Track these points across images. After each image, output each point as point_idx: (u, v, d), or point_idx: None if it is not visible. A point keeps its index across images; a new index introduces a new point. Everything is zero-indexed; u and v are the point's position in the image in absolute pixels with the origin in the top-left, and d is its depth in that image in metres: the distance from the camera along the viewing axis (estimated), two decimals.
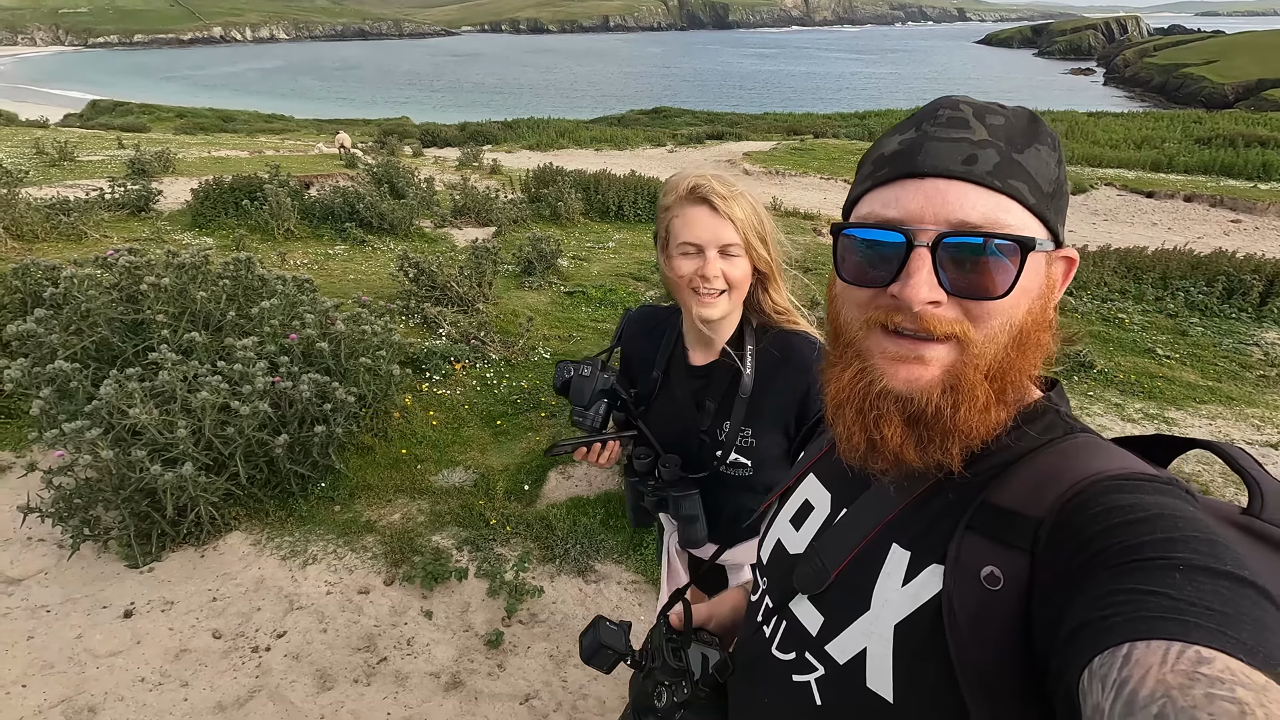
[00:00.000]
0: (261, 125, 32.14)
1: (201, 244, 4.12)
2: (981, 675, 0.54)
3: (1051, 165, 0.61)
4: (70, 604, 2.62)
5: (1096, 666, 0.44)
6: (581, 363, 1.38)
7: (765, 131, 29.15)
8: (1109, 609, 0.46)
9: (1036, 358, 0.62)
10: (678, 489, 1.38)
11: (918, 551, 0.63)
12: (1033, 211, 0.60)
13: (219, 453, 2.93)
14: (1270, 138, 21.59)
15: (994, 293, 0.58)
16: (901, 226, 0.59)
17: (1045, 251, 0.61)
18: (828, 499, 0.76)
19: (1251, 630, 0.43)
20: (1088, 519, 0.53)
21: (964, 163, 0.58)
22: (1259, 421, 4.57)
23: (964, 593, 0.56)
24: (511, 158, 20.77)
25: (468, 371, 4.76)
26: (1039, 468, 0.59)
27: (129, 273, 3.42)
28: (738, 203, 1.23)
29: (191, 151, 16.50)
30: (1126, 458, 0.59)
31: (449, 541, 3.08)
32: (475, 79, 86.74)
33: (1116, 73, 72.98)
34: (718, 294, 1.25)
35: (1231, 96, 52.76)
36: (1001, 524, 0.57)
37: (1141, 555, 0.48)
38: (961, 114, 0.61)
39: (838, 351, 0.67)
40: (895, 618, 0.62)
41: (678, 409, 1.40)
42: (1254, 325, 6.55)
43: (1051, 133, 0.63)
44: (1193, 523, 0.49)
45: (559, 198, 9.96)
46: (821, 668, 0.68)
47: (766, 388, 1.32)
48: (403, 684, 2.39)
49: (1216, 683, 0.40)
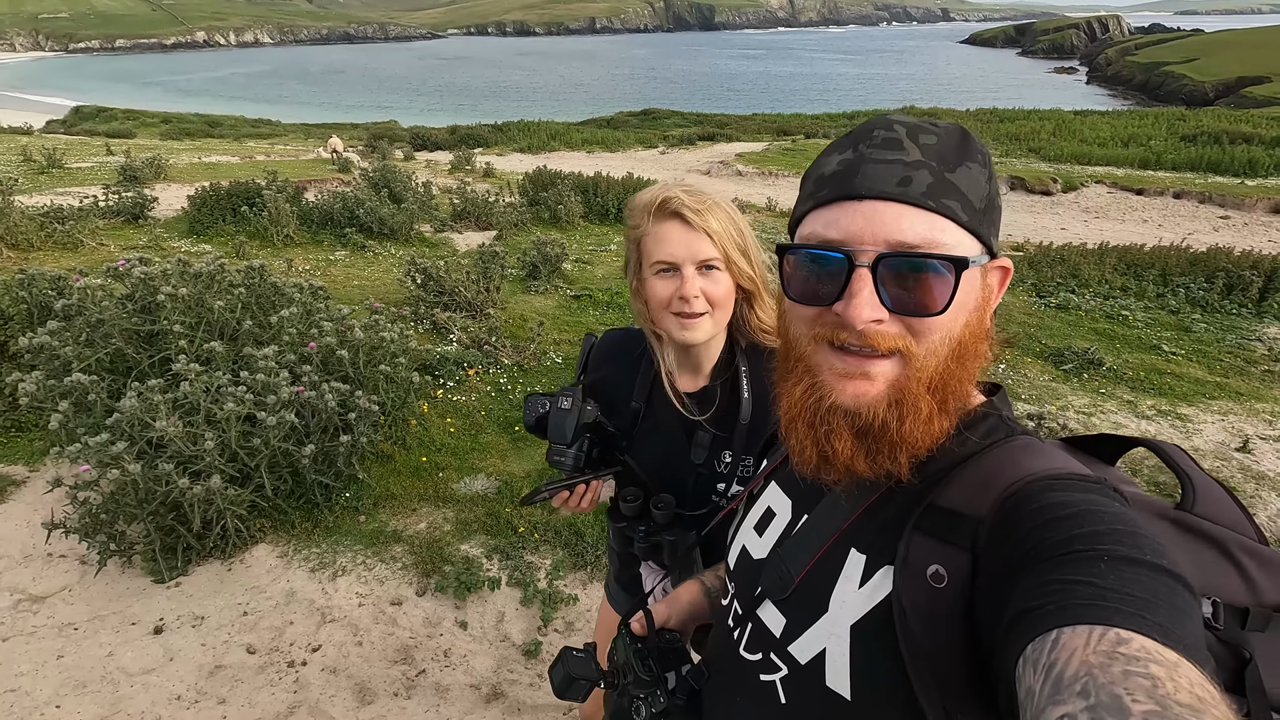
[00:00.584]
0: (248, 130, 31.89)
1: (202, 250, 4.08)
2: (932, 670, 0.57)
3: (982, 182, 0.64)
4: (98, 621, 2.57)
5: (1029, 653, 0.48)
6: (558, 394, 1.21)
7: (755, 132, 29.23)
8: (1042, 599, 0.50)
9: (975, 366, 0.65)
10: (673, 531, 1.24)
11: (872, 555, 0.66)
12: (966, 228, 0.62)
13: (244, 464, 2.89)
14: (1254, 134, 21.88)
15: (933, 309, 0.61)
16: (843, 248, 0.62)
17: (980, 265, 0.63)
18: (789, 506, 0.79)
19: (1167, 613, 0.46)
20: (1024, 515, 0.56)
21: (899, 184, 0.61)
22: (1270, 416, 4.62)
23: (912, 591, 0.59)
24: (504, 160, 20.69)
25: (481, 377, 4.73)
26: (980, 470, 0.63)
27: (144, 283, 3.36)
28: (712, 214, 1.13)
29: (181, 157, 16.30)
30: (1061, 458, 0.63)
31: (478, 550, 3.05)
32: (462, 82, 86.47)
33: (1099, 71, 73.79)
34: (699, 315, 1.14)
35: (1212, 94, 53.45)
36: (945, 524, 0.61)
37: (1070, 549, 0.51)
38: (895, 135, 0.63)
39: (788, 366, 0.70)
40: (851, 619, 0.65)
41: (666, 441, 1.27)
42: (1255, 321, 6.63)
43: (982, 149, 0.65)
44: (1118, 517, 0.53)
45: (559, 200, 9.93)
46: (785, 668, 0.71)
47: (766, 412, 1.23)
48: (444, 696, 2.36)
49: (1133, 660, 0.43)
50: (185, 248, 7.67)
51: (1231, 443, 4.21)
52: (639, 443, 1.28)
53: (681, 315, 1.14)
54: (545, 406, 1.22)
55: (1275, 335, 6.19)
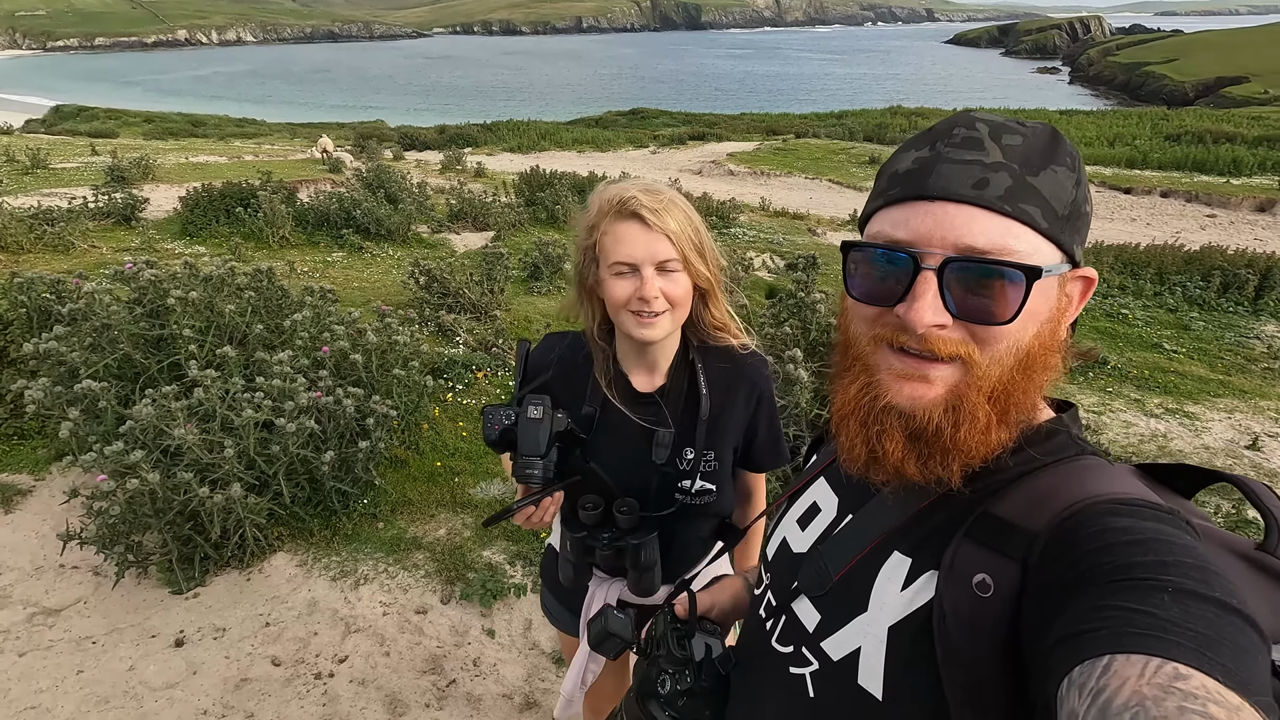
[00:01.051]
0: (233, 130, 31.50)
1: (197, 252, 4.00)
2: (966, 679, 0.56)
3: (1068, 187, 0.60)
4: (116, 634, 2.51)
5: (1076, 675, 0.46)
6: (520, 404, 1.15)
7: (745, 132, 29.28)
8: (1095, 623, 0.48)
9: (1043, 379, 0.63)
10: (638, 535, 1.23)
11: (918, 559, 0.64)
12: (1045, 235, 0.59)
13: (261, 471, 2.83)
14: (1237, 134, 22.22)
15: (999, 318, 0.59)
16: (909, 249, 0.60)
17: (1057, 275, 0.61)
18: (835, 503, 0.78)
19: (1231, 654, 0.44)
20: (1083, 537, 0.54)
21: (974, 187, 0.58)
22: (1275, 414, 4.67)
23: (955, 598, 0.58)
24: (494, 160, 20.59)
25: (490, 380, 4.68)
26: (1041, 485, 0.61)
27: (154, 286, 3.29)
28: (670, 214, 1.13)
29: (168, 157, 16.06)
30: (1131, 483, 0.60)
31: (500, 557, 3.01)
32: (449, 81, 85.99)
33: (1081, 71, 74.67)
34: (659, 315, 1.14)
35: (1192, 94, 54.25)
36: (998, 533, 0.59)
37: (1132, 575, 0.49)
38: (977, 134, 0.61)
39: (845, 364, 0.69)
40: (890, 620, 0.64)
41: (625, 443, 1.25)
42: (1251, 319, 6.71)
43: (1072, 151, 0.62)
44: (1187, 550, 0.50)
45: (556, 201, 9.88)
46: (816, 663, 0.71)
47: (724, 407, 1.26)
48: (476, 707, 2.33)
49: (1190, 697, 0.41)
50: (179, 250, 7.55)
51: (1241, 440, 4.25)
52: (597, 447, 1.26)
53: (640, 314, 1.14)
54: (510, 418, 1.15)
55: (1273, 333, 6.27)
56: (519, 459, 1.13)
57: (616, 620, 0.97)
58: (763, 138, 26.53)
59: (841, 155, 21.71)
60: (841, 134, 27.13)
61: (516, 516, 1.17)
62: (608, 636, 0.97)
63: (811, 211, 14.29)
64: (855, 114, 34.68)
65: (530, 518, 1.18)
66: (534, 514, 1.18)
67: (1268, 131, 23.26)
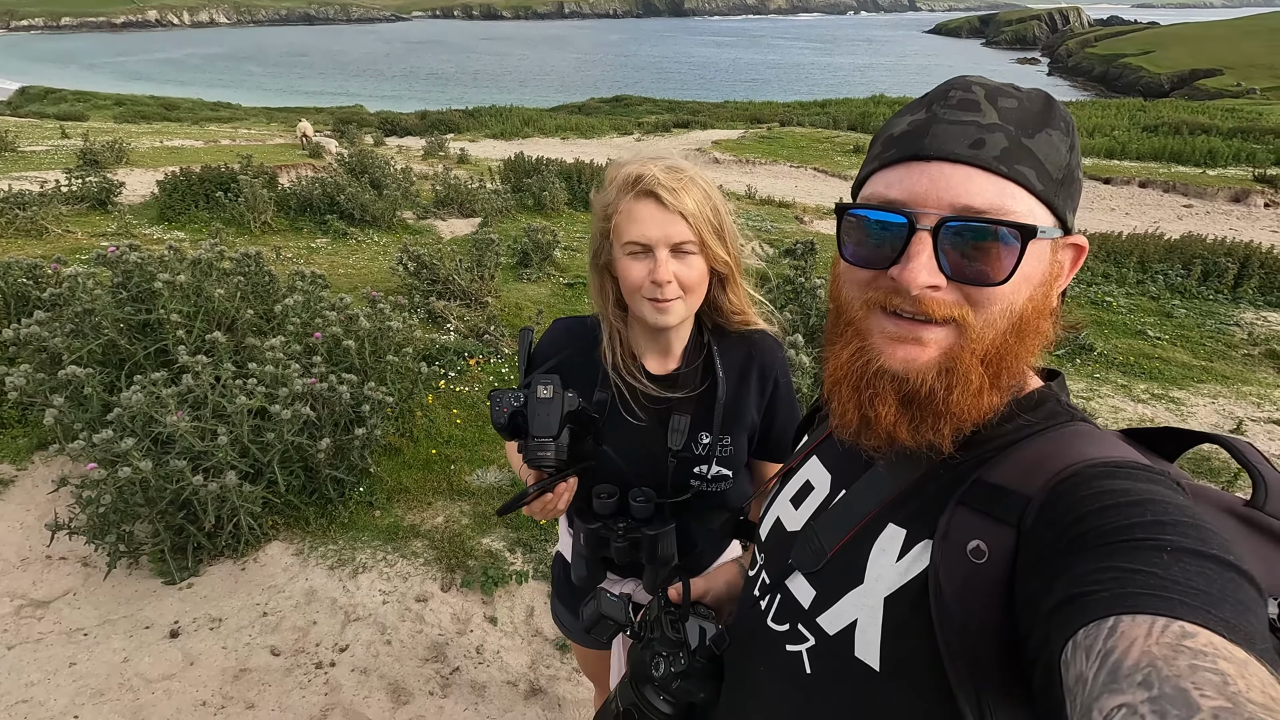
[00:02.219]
0: (208, 114, 30.76)
1: (176, 238, 3.89)
2: (963, 646, 0.56)
3: (1063, 151, 0.60)
4: (108, 626, 2.45)
5: (1081, 638, 0.46)
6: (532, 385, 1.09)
7: (729, 120, 29.17)
8: (1096, 585, 0.47)
9: (1035, 344, 0.63)
10: (653, 526, 1.18)
11: (912, 529, 0.64)
12: (1040, 198, 0.59)
13: (255, 459, 2.77)
14: (1212, 125, 22.56)
15: (994, 279, 0.58)
16: (904, 209, 0.60)
17: (1050, 239, 0.61)
18: (828, 480, 0.78)
19: (1233, 610, 0.44)
20: (1078, 500, 0.54)
21: (971, 146, 0.58)
22: (1257, 399, 4.77)
23: (950, 565, 0.58)
24: (478, 147, 20.32)
25: (483, 367, 4.63)
26: (1034, 451, 0.61)
27: (140, 270, 3.20)
28: (688, 193, 1.08)
29: (141, 141, 15.65)
30: (1122, 447, 0.60)
31: (500, 544, 2.99)
32: (430, 67, 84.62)
33: (1060, 62, 75.32)
34: (673, 300, 1.10)
35: (1167, 86, 54.98)
36: (991, 499, 0.59)
37: (1131, 536, 0.49)
38: (973, 96, 0.60)
39: (838, 330, 0.68)
40: (886, 591, 0.63)
41: (639, 429, 1.21)
42: (1231, 306, 6.84)
43: (1066, 117, 0.62)
44: (1182, 509, 0.51)
45: (543, 187, 9.78)
46: (812, 639, 0.71)
47: (739, 391, 1.24)
48: (481, 694, 2.31)
49: (1200, 655, 0.41)
50: (157, 235, 7.37)
51: (1225, 425, 4.34)
52: (611, 433, 1.22)
53: (655, 300, 1.10)
54: (519, 400, 1.08)
55: (1252, 320, 6.40)
56: (531, 442, 1.07)
57: (610, 603, 0.96)
58: (747, 125, 26.44)
59: (826, 144, 21.71)
60: (826, 123, 27.11)
61: (530, 504, 1.12)
62: (600, 619, 0.96)
63: (797, 200, 14.29)
64: (839, 103, 34.67)
65: (545, 505, 1.12)
66: (549, 500, 1.12)
67: (1241, 123, 23.64)
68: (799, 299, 3.45)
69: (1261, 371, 5.37)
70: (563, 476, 1.11)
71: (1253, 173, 17.06)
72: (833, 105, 33.56)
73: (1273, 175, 16.42)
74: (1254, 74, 53.12)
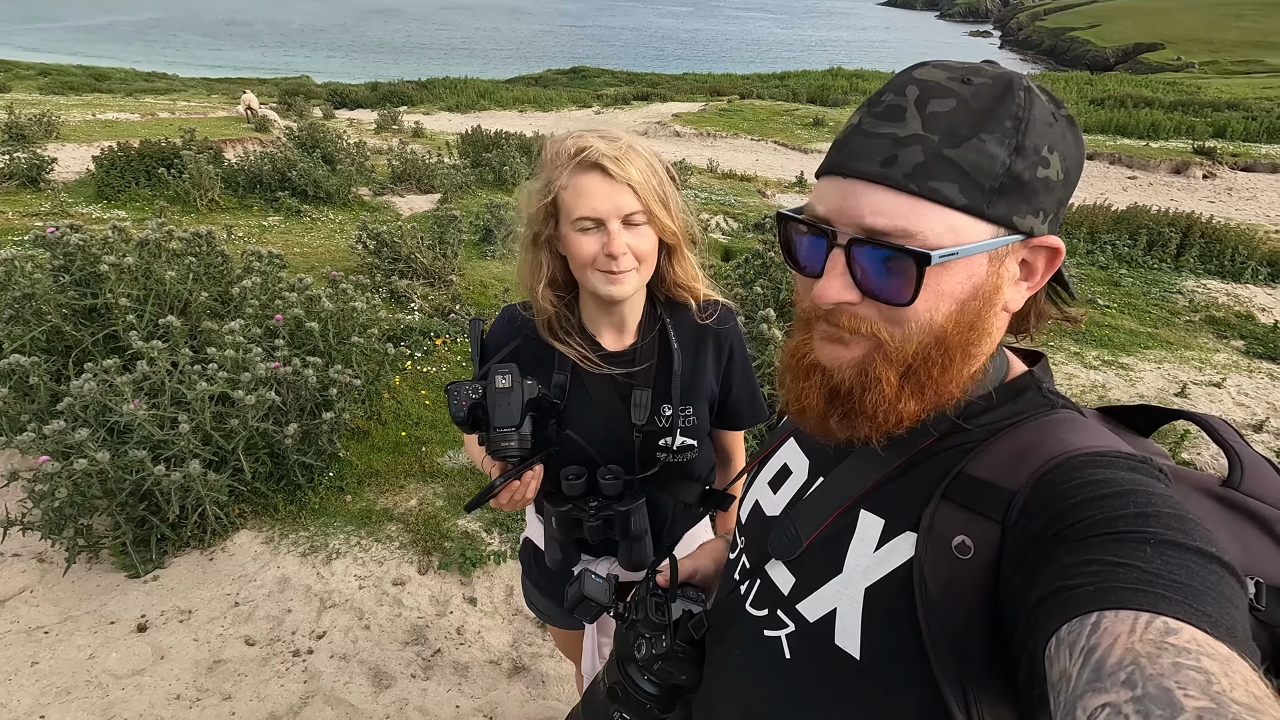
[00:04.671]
0: (142, 85, 29.07)
1: (117, 217, 3.70)
2: (948, 640, 0.56)
3: (999, 156, 0.56)
4: (70, 623, 2.37)
5: (1064, 634, 0.46)
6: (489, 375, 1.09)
7: (689, 92, 28.91)
8: (1079, 579, 0.47)
9: (965, 361, 0.62)
10: (624, 502, 1.19)
11: (891, 519, 0.64)
12: (966, 211, 0.56)
13: (219, 447, 2.69)
14: (1155, 99, 23.30)
15: (900, 299, 0.58)
16: (825, 225, 0.61)
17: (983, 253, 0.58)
18: (805, 465, 0.78)
19: (1215, 603, 0.44)
20: (1061, 492, 0.54)
21: (882, 164, 0.57)
22: (1199, 364, 5.00)
23: (935, 560, 0.58)
24: (432, 120, 19.77)
25: (450, 347, 4.56)
26: (1017, 441, 0.61)
27: (83, 252, 3.04)
28: (632, 163, 1.07)
29: (72, 114, 14.76)
30: (1104, 435, 0.61)
31: (476, 525, 2.97)
32: (379, 36, 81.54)
33: (1011, 36, 76.52)
34: (628, 270, 1.10)
35: (1113, 59, 56.41)
36: (975, 494, 0.59)
37: (1114, 529, 0.49)
38: (903, 100, 0.58)
39: (795, 321, 0.71)
40: (866, 581, 0.64)
41: (601, 407, 1.22)
42: (1174, 275, 7.13)
43: (1019, 113, 0.57)
44: (1164, 499, 0.51)
45: (503, 162, 9.58)
46: (792, 624, 0.71)
47: (696, 361, 1.25)
48: (464, 674, 2.31)
49: (1184, 652, 0.41)
50: (96, 214, 7.00)
51: (1170, 389, 4.54)
52: (573, 415, 1.22)
53: (609, 272, 1.10)
54: (477, 392, 1.08)
55: (1193, 288, 6.69)
56: (493, 433, 1.07)
57: (593, 584, 0.97)
58: (707, 98, 26.26)
59: (786, 117, 21.75)
60: (785, 95, 27.11)
61: (498, 496, 1.11)
62: (583, 600, 0.96)
63: (759, 173, 14.31)
64: (797, 75, 34.68)
65: (513, 496, 1.12)
66: (516, 490, 1.11)
67: (1181, 97, 24.47)
68: (768, 273, 3.47)
69: (1202, 337, 5.64)
70: (528, 465, 1.11)
71: (1192, 145, 17.71)
72: (791, 78, 33.54)
73: (1210, 148, 17.08)
74: (1192, 48, 54.83)
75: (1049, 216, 0.60)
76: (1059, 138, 0.58)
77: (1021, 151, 0.56)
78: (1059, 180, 0.59)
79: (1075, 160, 0.61)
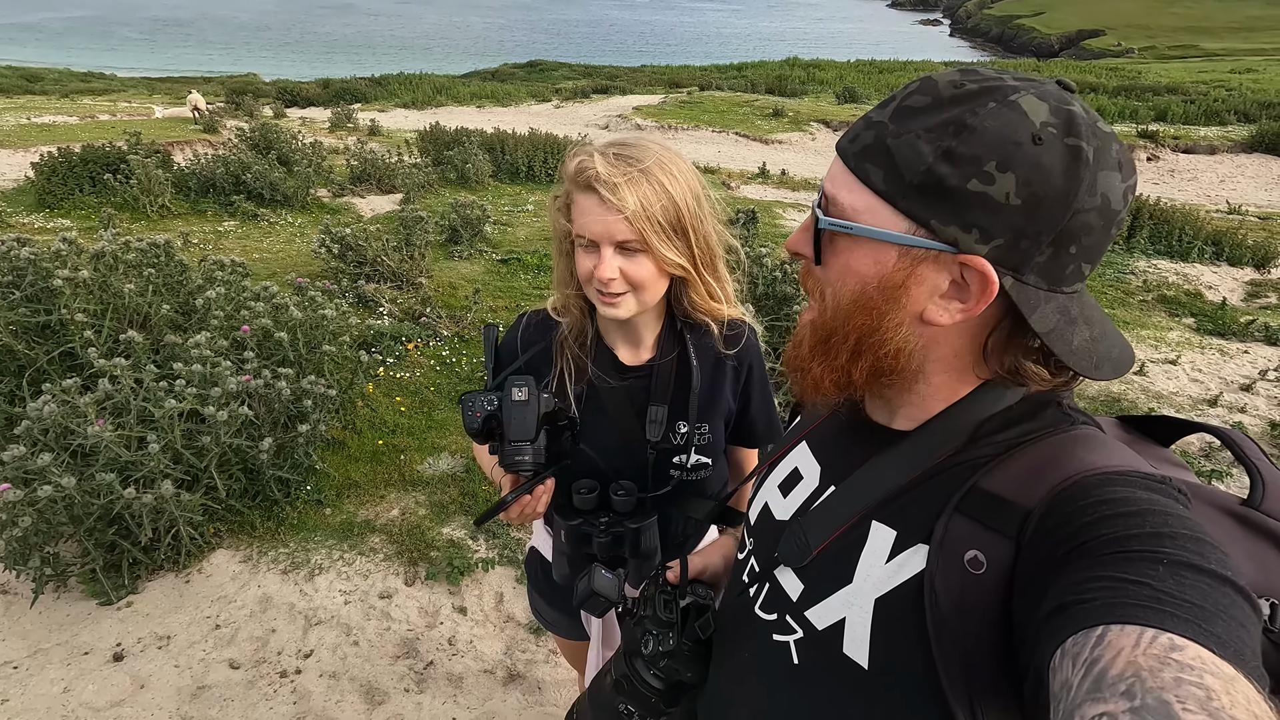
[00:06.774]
0: (78, 85, 27.85)
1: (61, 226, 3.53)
2: (957, 654, 0.56)
3: (925, 156, 0.55)
4: (41, 655, 2.27)
5: (1069, 646, 0.46)
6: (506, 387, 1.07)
7: (647, 84, 28.84)
8: (1089, 593, 0.48)
9: (862, 357, 0.63)
10: (635, 519, 1.17)
11: (903, 531, 0.64)
12: (883, 198, 0.58)
13: (191, 465, 2.60)
14: (1099, 84, 24.05)
15: (804, 251, 0.67)
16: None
17: (893, 244, 0.59)
18: (817, 472, 0.77)
19: (1225, 626, 0.44)
20: (1077, 510, 0.54)
21: (849, 141, 0.63)
22: (1154, 342, 5.18)
23: (947, 574, 0.58)
24: (388, 117, 19.34)
25: (423, 351, 4.48)
26: (1034, 458, 0.60)
27: (33, 266, 2.90)
28: (633, 190, 1.00)
29: (4, 118, 14.10)
30: (1123, 454, 0.60)
31: (461, 532, 2.93)
32: (327, 30, 79.46)
33: (960, 24, 78.15)
34: (620, 295, 1.08)
35: (1057, 46, 58.03)
36: (990, 509, 0.59)
37: (1127, 547, 0.49)
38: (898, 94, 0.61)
39: None
40: (876, 592, 0.63)
41: (616, 421, 1.20)
42: (1126, 255, 7.37)
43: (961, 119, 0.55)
44: (1181, 520, 0.51)
45: (466, 160, 9.42)
46: (800, 631, 0.71)
47: (714, 379, 1.23)
48: (459, 685, 2.28)
49: (1187, 669, 0.41)
50: (38, 224, 6.70)
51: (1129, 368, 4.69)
52: (587, 427, 1.21)
53: (601, 294, 1.08)
54: (492, 404, 1.06)
55: (1145, 268, 6.92)
56: (507, 446, 1.05)
57: (602, 579, 0.96)
58: (666, 90, 26.22)
59: (746, 108, 21.82)
60: (743, 86, 27.22)
61: (509, 510, 1.09)
62: (592, 595, 0.96)
63: (722, 165, 14.36)
64: (755, 66, 34.88)
65: (524, 509, 1.10)
66: (527, 504, 1.10)
67: (1124, 82, 25.32)
68: (743, 268, 3.48)
69: (1155, 316, 5.84)
70: (540, 479, 1.09)
71: (1136, 129, 18.31)
72: (749, 68, 33.73)
73: (1153, 131, 17.68)
74: (1131, 34, 56.69)
75: (990, 238, 0.55)
76: (1029, 163, 0.53)
77: (951, 157, 0.55)
78: (1010, 205, 0.54)
79: (1051, 194, 0.54)
